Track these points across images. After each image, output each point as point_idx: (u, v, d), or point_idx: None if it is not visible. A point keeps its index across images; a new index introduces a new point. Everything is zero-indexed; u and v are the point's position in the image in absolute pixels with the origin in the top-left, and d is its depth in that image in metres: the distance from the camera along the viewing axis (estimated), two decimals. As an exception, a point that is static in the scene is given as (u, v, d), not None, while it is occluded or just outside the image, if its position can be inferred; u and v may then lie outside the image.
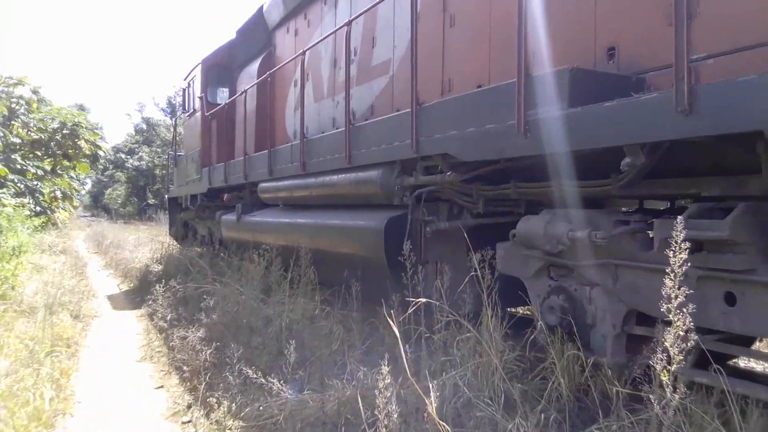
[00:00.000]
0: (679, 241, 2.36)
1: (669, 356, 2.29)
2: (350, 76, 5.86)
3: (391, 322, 3.53)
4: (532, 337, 4.15)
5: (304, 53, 6.93)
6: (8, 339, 5.73)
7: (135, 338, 7.04)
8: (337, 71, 7.51)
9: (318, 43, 7.31)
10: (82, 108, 30.29)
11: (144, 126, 55.33)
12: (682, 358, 2.26)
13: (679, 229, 2.94)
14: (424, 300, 3.85)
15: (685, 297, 2.24)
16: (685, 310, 2.24)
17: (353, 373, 4.74)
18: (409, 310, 3.78)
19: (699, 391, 3.01)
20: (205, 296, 7.20)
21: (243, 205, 9.17)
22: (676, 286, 2.26)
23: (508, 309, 4.87)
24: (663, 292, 2.30)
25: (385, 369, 2.88)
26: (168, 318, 6.58)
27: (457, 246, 5.35)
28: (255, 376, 3.92)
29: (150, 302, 8.20)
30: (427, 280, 5.29)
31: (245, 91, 9.02)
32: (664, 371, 2.30)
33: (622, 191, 3.56)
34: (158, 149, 49.77)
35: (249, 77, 10.30)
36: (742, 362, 4.87)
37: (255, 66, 10.17)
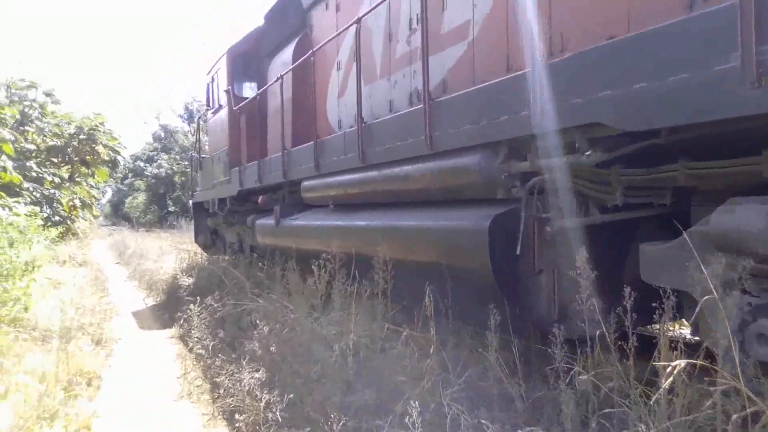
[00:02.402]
0: None
1: None
2: (426, 41, 4.72)
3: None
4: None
5: (359, 21, 5.79)
6: (16, 377, 4.68)
7: (168, 367, 5.96)
8: (393, 46, 6.36)
9: (368, 13, 6.18)
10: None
11: (162, 133, 54.74)
12: None
13: None
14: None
15: None
16: None
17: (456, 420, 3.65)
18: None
19: None
20: (247, 315, 6.13)
21: (282, 207, 8.08)
22: None
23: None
24: None
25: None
26: (208, 346, 5.47)
27: (575, 250, 4.19)
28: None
29: (182, 322, 7.15)
30: (541, 295, 4.16)
31: (281, 77, 7.92)
32: None
33: None
34: (177, 156, 49.10)
35: (281, 65, 9.20)
36: None
37: (288, 52, 9.06)
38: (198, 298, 6.75)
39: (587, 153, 3.30)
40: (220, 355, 5.13)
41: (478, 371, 4.28)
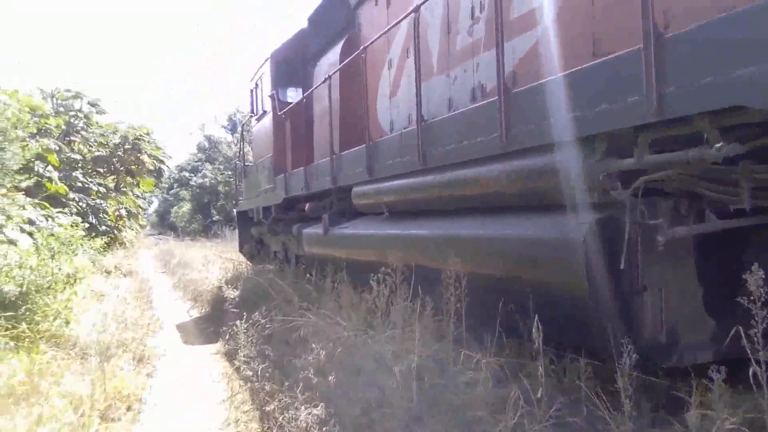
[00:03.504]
0: None
1: None
2: (501, 23, 4.17)
3: None
4: None
5: (417, 9, 5.29)
6: (51, 401, 4.30)
7: (213, 389, 5.53)
8: (453, 38, 5.83)
9: (426, 1, 5.66)
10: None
11: (206, 144, 55.37)
12: None
13: None
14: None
15: None
16: None
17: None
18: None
19: None
20: (296, 331, 5.67)
21: (330, 215, 7.61)
22: None
23: None
24: None
25: None
26: (257, 369, 5.01)
27: (682, 264, 3.56)
28: None
29: (227, 337, 6.74)
30: (645, 316, 3.53)
31: (329, 77, 7.47)
32: None
33: None
34: (220, 166, 49.56)
35: (328, 67, 8.78)
36: None
37: (335, 53, 8.63)
38: (244, 312, 6.32)
39: (717, 145, 2.68)
40: (269, 381, 4.65)
41: (567, 403, 3.69)
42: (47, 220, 8.56)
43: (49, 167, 12.17)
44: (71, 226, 8.89)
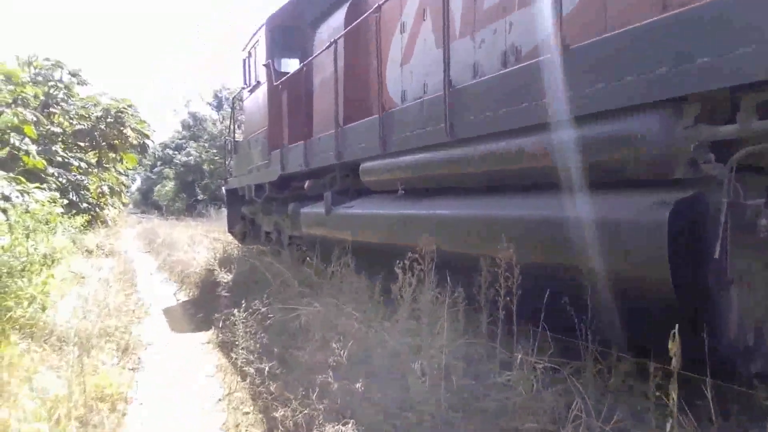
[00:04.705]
0: None
1: None
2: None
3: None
4: None
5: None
6: (20, 403, 3.70)
7: (207, 384, 4.95)
8: (480, -4, 5.20)
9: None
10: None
11: (191, 121, 54.16)
12: None
13: None
14: None
15: None
16: None
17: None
18: None
19: None
20: (296, 319, 5.12)
21: (333, 193, 7.00)
22: None
23: None
24: None
25: None
26: (260, 366, 4.42)
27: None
28: None
29: (220, 325, 6.16)
30: (731, 314, 3.00)
31: (335, 41, 6.81)
32: None
33: None
34: (205, 144, 48.52)
35: (330, 34, 8.11)
36: None
37: (339, 17, 7.95)
38: (238, 299, 5.74)
39: None
40: (274, 380, 4.08)
41: (630, 413, 3.17)
42: (23, 196, 7.84)
43: (26, 140, 11.40)
44: (49, 202, 8.17)
